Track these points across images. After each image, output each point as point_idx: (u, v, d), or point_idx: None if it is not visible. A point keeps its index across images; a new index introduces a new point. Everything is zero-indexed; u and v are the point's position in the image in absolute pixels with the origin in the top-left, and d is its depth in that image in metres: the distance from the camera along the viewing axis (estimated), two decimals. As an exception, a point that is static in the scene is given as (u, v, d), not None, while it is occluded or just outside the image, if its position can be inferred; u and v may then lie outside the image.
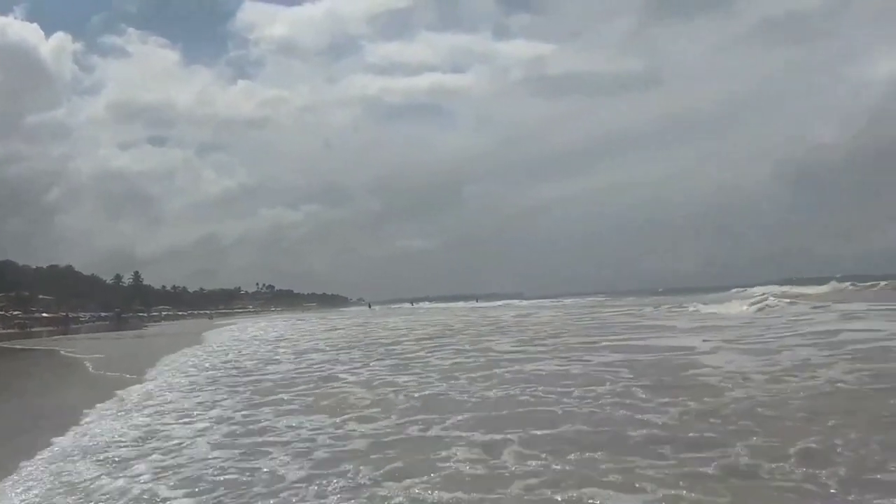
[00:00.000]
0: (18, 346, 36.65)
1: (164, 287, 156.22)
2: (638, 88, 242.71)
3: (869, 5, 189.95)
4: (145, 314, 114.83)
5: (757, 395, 7.19)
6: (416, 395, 8.54)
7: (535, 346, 14.32)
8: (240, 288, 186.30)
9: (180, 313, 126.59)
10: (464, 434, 6.09)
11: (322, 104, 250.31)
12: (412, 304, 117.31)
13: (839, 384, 7.56)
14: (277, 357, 16.33)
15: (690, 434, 5.66)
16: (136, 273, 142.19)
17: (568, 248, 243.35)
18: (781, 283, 50.34)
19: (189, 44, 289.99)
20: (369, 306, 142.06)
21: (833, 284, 40.49)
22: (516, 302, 74.73)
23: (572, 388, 8.05)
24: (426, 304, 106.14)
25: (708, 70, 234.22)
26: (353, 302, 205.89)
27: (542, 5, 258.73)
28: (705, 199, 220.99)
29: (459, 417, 6.84)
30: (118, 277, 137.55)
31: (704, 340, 12.89)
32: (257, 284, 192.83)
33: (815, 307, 22.08)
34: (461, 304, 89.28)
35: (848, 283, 38.91)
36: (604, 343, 13.86)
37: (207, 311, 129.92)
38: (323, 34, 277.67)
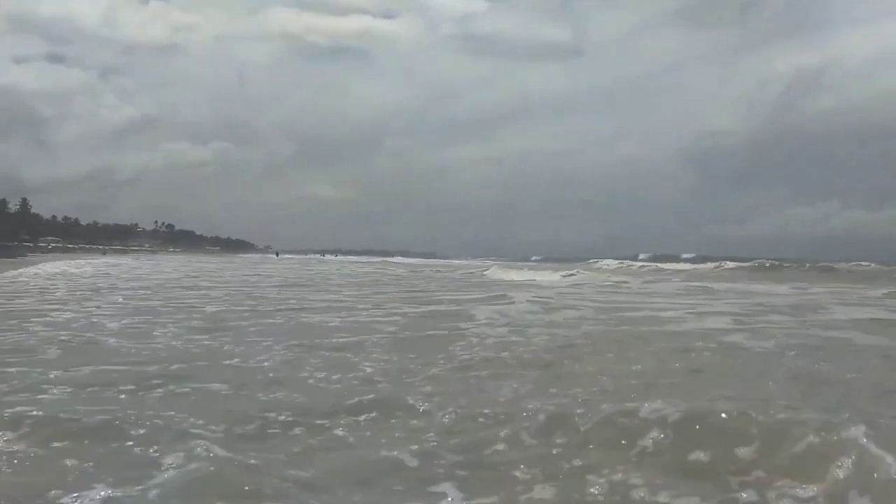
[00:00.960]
0: None
1: (54, 217, 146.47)
2: (560, 57, 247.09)
3: (777, 1, 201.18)
4: (31, 244, 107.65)
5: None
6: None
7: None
8: (137, 225, 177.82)
9: (70, 246, 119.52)
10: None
11: (239, 35, 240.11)
12: (322, 255, 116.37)
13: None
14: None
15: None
16: (24, 200, 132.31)
17: (479, 210, 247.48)
18: (654, 260, 54.62)
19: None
20: (276, 255, 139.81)
21: (686, 264, 44.87)
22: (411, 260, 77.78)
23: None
24: (339, 258, 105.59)
25: (627, 47, 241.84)
26: (259, 249, 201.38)
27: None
28: (611, 171, 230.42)
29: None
30: (3, 203, 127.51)
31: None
32: (156, 223, 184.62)
33: (620, 282, 23.21)
34: (375, 259, 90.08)
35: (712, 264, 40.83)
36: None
37: (100, 247, 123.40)
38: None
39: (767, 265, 35.40)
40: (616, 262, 49.32)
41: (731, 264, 37.86)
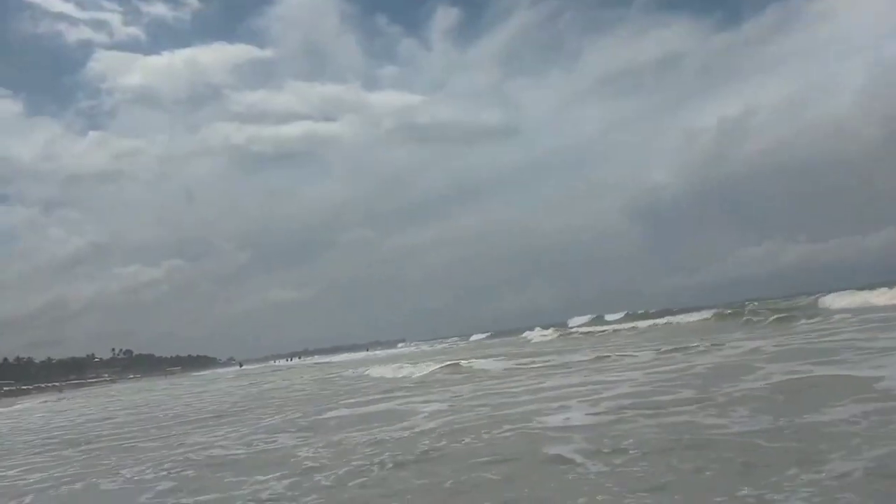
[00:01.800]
0: None
1: (5, 360, 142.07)
2: (497, 137, 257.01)
3: (693, 62, 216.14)
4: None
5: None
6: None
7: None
8: (93, 355, 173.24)
9: (25, 388, 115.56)
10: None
11: (182, 154, 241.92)
12: (289, 359, 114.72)
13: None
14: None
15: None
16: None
17: (436, 290, 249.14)
18: (593, 323, 54.73)
19: (32, 94, 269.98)
20: (240, 365, 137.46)
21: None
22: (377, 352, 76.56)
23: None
24: (292, 362, 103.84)
25: (558, 121, 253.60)
26: (222, 362, 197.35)
27: (408, 59, 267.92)
28: (562, 237, 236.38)
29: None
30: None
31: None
32: (113, 350, 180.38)
33: (508, 369, 17.39)
34: (344, 356, 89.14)
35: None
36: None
37: (56, 384, 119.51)
38: (182, 83, 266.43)
39: (729, 312, 34.78)
40: (547, 330, 48.73)
41: (679, 317, 38.52)
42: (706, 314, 36.55)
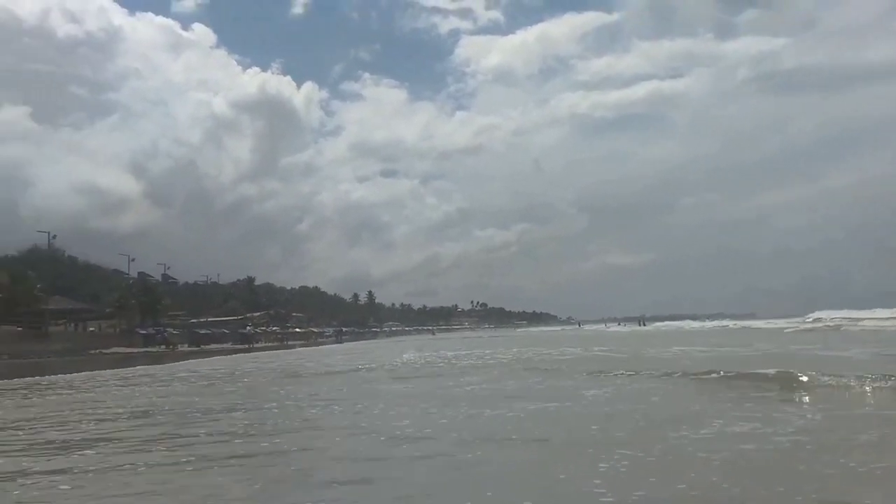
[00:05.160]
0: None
1: (393, 305, 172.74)
2: (883, 78, 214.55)
3: None
4: (378, 329, 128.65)
5: None
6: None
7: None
8: (456, 306, 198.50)
9: (407, 329, 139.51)
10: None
11: (531, 127, 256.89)
12: (642, 324, 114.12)
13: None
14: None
15: None
16: (370, 293, 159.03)
17: (795, 261, 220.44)
18: None
19: (415, 82, 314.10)
20: (578, 325, 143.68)
21: None
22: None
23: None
24: (625, 328, 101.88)
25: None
26: (562, 320, 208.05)
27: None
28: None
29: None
30: (356, 296, 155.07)
31: None
32: (472, 303, 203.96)
33: None
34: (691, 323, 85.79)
35: None
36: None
37: (430, 328, 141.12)
38: (533, 58, 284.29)
39: None
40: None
41: None
42: None
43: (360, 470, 6.06)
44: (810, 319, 50.71)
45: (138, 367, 27.63)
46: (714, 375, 11.90)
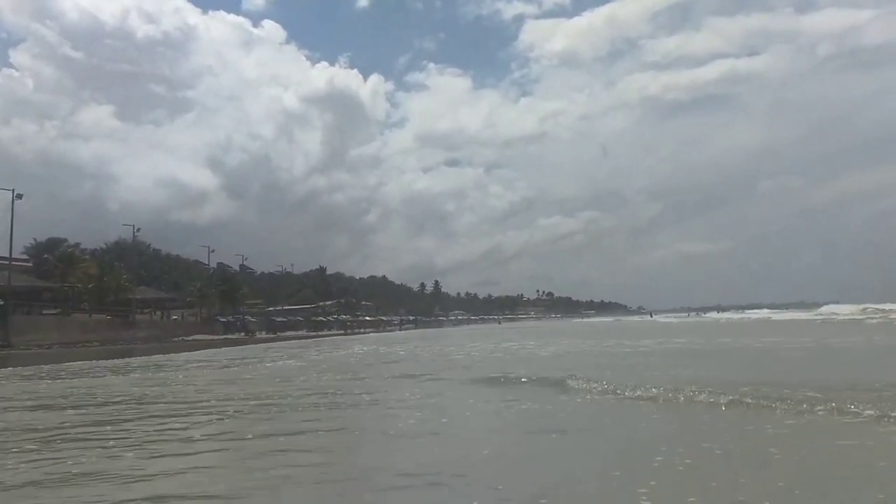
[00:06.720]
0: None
1: (458, 294, 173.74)
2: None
3: None
4: (444, 318, 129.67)
5: None
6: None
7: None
8: (522, 295, 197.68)
9: (472, 318, 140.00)
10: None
11: (599, 111, 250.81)
12: (690, 315, 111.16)
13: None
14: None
15: None
16: (437, 282, 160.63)
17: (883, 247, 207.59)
18: None
19: (479, 70, 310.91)
20: (650, 315, 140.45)
21: None
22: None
23: None
24: (722, 315, 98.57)
25: None
26: (632, 310, 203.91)
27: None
28: None
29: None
30: (422, 286, 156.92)
31: None
32: (538, 292, 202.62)
33: None
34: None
35: None
36: None
37: (496, 317, 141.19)
38: (601, 41, 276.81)
39: None
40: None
41: None
42: None
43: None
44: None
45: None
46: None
